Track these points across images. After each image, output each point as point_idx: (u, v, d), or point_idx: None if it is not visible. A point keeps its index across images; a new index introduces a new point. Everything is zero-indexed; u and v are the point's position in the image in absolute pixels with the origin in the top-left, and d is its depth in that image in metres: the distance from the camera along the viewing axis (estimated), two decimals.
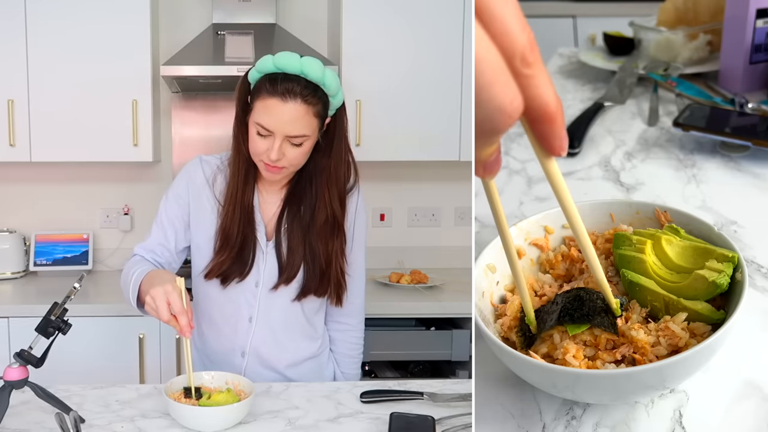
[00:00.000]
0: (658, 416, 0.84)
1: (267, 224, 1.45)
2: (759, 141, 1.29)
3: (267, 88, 1.32)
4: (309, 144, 1.36)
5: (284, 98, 1.30)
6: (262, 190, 1.47)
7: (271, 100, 1.31)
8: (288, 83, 1.31)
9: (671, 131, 1.46)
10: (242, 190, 1.42)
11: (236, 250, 1.41)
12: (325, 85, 1.33)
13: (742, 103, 1.50)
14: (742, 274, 0.85)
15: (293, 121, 1.31)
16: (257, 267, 1.44)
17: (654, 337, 0.83)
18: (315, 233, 1.42)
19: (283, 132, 1.31)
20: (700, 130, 1.36)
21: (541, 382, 0.86)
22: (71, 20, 2.42)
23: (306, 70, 1.31)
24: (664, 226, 0.96)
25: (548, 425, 0.86)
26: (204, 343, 1.52)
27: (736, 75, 1.59)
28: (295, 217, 1.43)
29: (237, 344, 1.48)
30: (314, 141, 1.37)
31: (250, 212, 1.43)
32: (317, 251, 1.43)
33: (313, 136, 1.36)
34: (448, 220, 2.94)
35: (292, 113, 1.31)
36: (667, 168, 1.35)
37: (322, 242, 1.43)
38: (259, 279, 1.45)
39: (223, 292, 1.46)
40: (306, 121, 1.32)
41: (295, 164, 1.38)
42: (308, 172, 1.43)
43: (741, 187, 1.26)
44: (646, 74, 1.73)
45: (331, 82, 1.34)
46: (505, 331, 0.92)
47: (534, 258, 1.02)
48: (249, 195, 1.43)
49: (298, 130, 1.32)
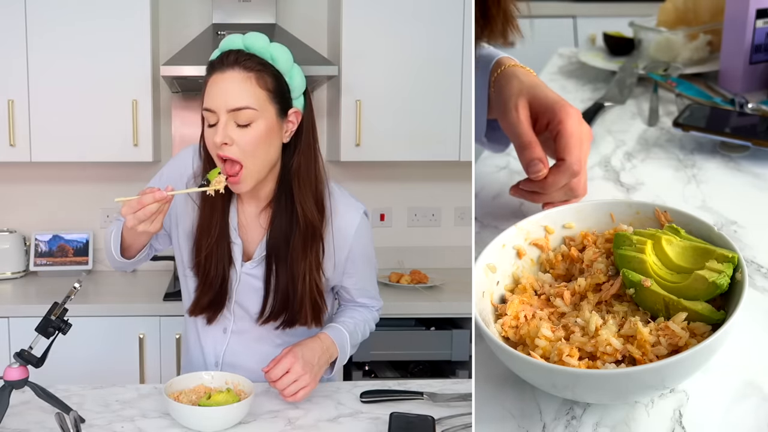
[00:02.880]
0: (658, 416, 0.84)
1: (247, 245, 1.35)
2: (759, 141, 1.29)
3: (209, 71, 1.23)
4: (261, 127, 1.19)
5: (223, 70, 1.19)
6: (243, 210, 1.35)
7: (211, 78, 1.21)
8: (227, 56, 1.20)
9: (671, 131, 1.46)
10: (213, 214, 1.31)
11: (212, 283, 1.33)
12: (273, 58, 1.20)
13: (742, 103, 1.50)
14: (742, 274, 0.85)
15: (232, 90, 1.18)
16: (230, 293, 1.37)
17: (654, 337, 0.83)
18: (291, 250, 1.30)
19: (224, 105, 1.18)
20: (700, 130, 1.36)
21: (541, 382, 0.86)
22: (71, 20, 2.42)
23: (249, 42, 1.20)
24: (664, 226, 0.96)
25: (548, 425, 0.86)
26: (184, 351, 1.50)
27: (736, 75, 1.59)
28: (277, 244, 1.31)
29: (211, 355, 1.44)
30: (270, 127, 1.21)
31: (225, 237, 1.32)
32: (291, 273, 1.31)
33: (264, 115, 1.20)
34: (448, 220, 2.94)
35: (231, 82, 1.18)
36: (667, 168, 1.35)
37: (296, 259, 1.30)
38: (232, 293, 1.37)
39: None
40: (247, 89, 1.18)
41: (252, 154, 1.20)
42: (285, 184, 1.29)
43: (741, 187, 1.26)
44: (646, 74, 1.73)
45: (279, 55, 1.21)
46: (505, 331, 0.92)
47: (534, 258, 1.02)
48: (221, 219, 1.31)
49: (239, 100, 1.18)
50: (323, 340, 1.36)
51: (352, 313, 1.48)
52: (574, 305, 0.94)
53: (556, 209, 1.03)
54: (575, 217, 1.03)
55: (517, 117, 1.10)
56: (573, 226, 1.03)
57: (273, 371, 1.28)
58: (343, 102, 2.51)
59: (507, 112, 1.11)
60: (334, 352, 1.38)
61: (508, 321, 0.92)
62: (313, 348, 1.34)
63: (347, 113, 2.51)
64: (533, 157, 1.07)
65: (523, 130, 1.09)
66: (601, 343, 0.84)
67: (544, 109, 1.11)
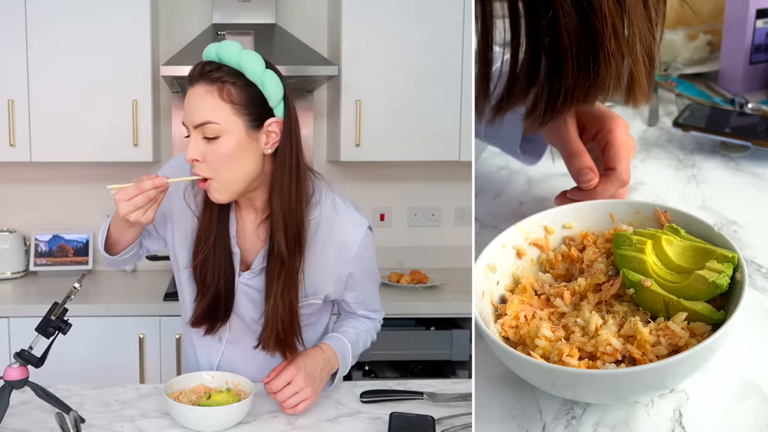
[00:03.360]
0: (658, 416, 0.84)
1: (246, 254, 1.32)
2: (759, 141, 1.29)
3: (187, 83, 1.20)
4: (230, 142, 1.14)
5: (192, 84, 1.17)
6: (242, 220, 1.32)
7: (187, 91, 1.18)
8: (199, 67, 1.17)
9: (671, 131, 1.46)
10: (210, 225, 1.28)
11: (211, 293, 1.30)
12: (241, 67, 1.15)
13: (742, 103, 1.50)
14: (742, 274, 0.85)
15: (195, 105, 1.15)
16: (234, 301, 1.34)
17: (654, 337, 0.83)
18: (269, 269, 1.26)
19: (190, 121, 1.15)
20: (700, 130, 1.36)
21: (541, 382, 0.86)
22: (71, 20, 2.42)
23: (221, 52, 1.16)
24: (664, 226, 0.96)
25: (548, 425, 0.86)
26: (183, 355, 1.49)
27: (736, 75, 1.59)
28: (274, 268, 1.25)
29: (204, 362, 1.43)
30: (240, 140, 1.15)
31: (222, 244, 1.29)
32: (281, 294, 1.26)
33: (230, 129, 1.14)
34: (448, 220, 2.94)
35: (195, 97, 1.15)
36: (667, 168, 1.35)
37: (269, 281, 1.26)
38: None
39: None
40: (208, 103, 1.13)
41: (222, 169, 1.16)
42: (276, 196, 1.24)
43: (741, 187, 1.26)
44: None
45: (248, 64, 1.14)
46: (505, 331, 0.92)
47: (534, 258, 1.02)
48: (216, 230, 1.28)
49: (200, 115, 1.14)
50: (325, 351, 1.34)
51: (354, 323, 1.46)
52: (574, 305, 0.94)
53: (556, 209, 1.03)
54: (575, 217, 1.03)
55: (565, 127, 1.11)
56: (573, 226, 1.03)
57: (274, 383, 1.26)
58: (343, 102, 2.51)
59: None
60: (335, 363, 1.35)
61: (508, 321, 0.92)
62: (315, 359, 1.32)
63: (347, 113, 2.51)
64: (584, 165, 1.08)
65: (572, 140, 1.11)
66: (601, 343, 0.84)
67: (593, 119, 1.13)
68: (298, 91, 2.72)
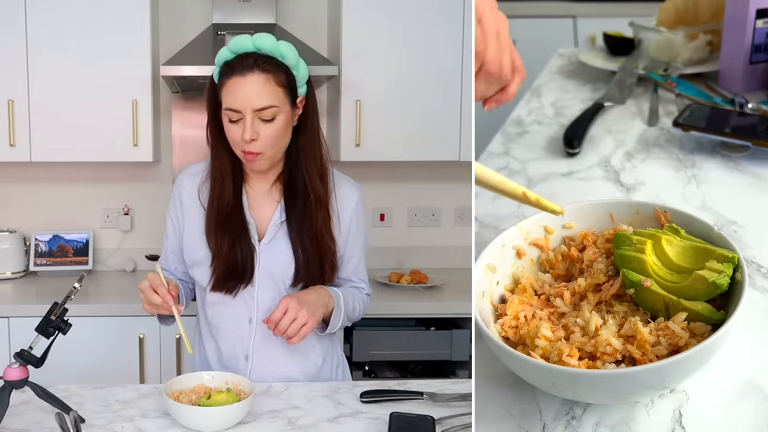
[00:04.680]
0: (658, 416, 0.84)
1: (260, 223, 1.44)
2: (759, 141, 1.29)
3: (226, 72, 1.34)
4: (282, 120, 1.34)
5: (243, 74, 1.32)
6: (252, 190, 1.46)
7: (231, 80, 1.32)
8: (244, 59, 1.33)
9: (671, 131, 1.46)
10: (223, 194, 1.41)
11: (229, 257, 1.40)
12: (282, 55, 1.34)
13: (742, 103, 1.50)
14: (742, 274, 0.85)
15: (257, 92, 1.31)
16: (255, 268, 1.42)
17: (654, 337, 0.83)
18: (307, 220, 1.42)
19: (249, 106, 1.31)
20: (700, 130, 1.36)
21: (541, 382, 0.86)
22: (71, 20, 2.42)
23: (258, 44, 1.33)
24: (664, 226, 0.96)
25: (548, 425, 0.86)
26: (209, 351, 1.50)
27: (736, 75, 1.59)
28: (292, 210, 1.42)
29: (239, 348, 1.46)
30: (288, 117, 1.36)
31: (238, 215, 1.41)
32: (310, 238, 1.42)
33: (283, 109, 1.34)
34: (448, 220, 2.94)
35: (254, 85, 1.31)
36: (667, 168, 1.35)
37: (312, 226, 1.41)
38: (254, 279, 1.42)
39: (223, 299, 1.44)
40: (269, 90, 1.32)
41: (272, 145, 1.35)
42: (293, 160, 1.42)
43: (741, 187, 1.26)
44: (646, 74, 1.73)
45: (287, 52, 1.34)
46: (505, 331, 0.92)
47: (534, 258, 1.02)
48: (232, 198, 1.42)
49: (263, 101, 1.32)
50: (315, 288, 1.42)
51: (344, 288, 1.51)
52: (574, 305, 0.94)
53: None
54: (575, 217, 1.03)
55: None
56: (573, 226, 1.03)
57: (271, 316, 1.34)
58: (343, 102, 2.51)
59: None
60: (328, 300, 1.42)
61: (508, 321, 0.92)
62: (307, 292, 1.41)
63: (347, 113, 2.51)
64: None
65: None
66: (601, 343, 0.84)
67: None
68: None
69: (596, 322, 0.87)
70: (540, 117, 1.68)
